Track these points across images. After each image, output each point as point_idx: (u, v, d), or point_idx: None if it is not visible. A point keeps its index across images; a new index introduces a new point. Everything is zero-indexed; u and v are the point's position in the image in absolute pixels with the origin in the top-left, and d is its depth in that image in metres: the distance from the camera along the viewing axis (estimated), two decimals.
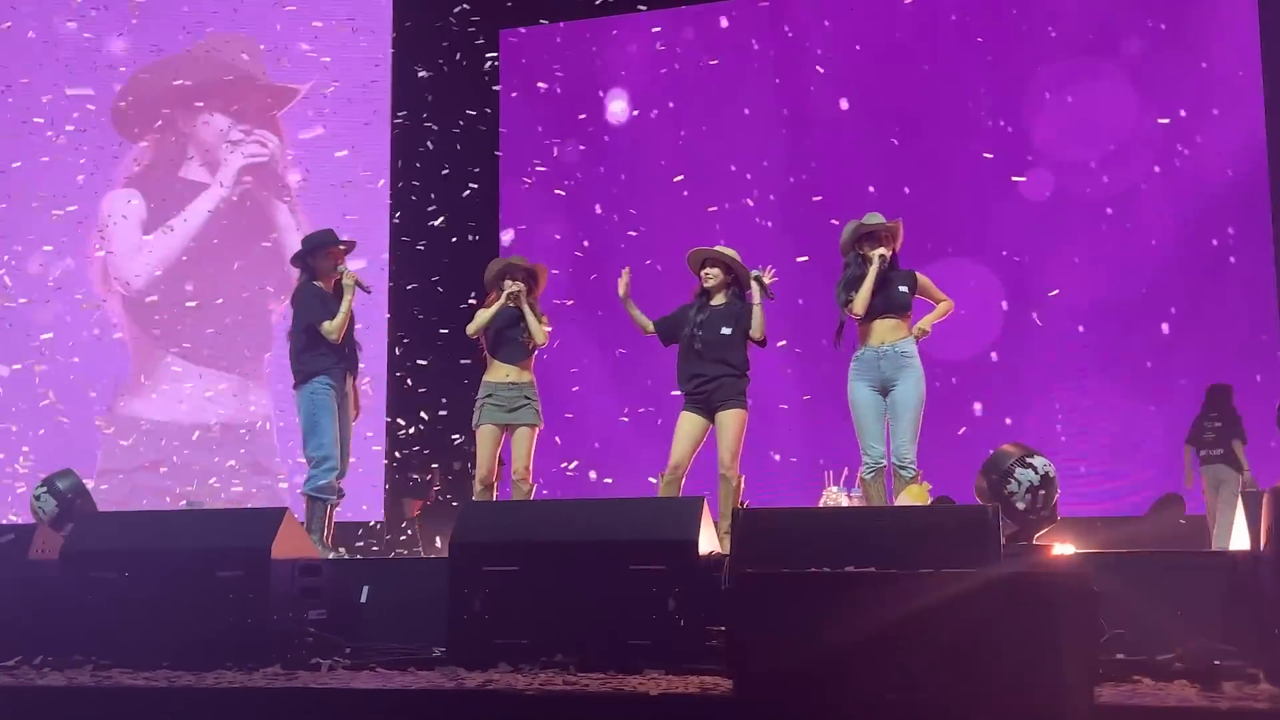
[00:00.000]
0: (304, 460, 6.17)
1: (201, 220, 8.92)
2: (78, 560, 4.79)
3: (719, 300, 6.04)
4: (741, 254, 6.11)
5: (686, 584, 4.26)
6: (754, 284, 5.85)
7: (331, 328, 6.09)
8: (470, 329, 6.32)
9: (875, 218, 5.93)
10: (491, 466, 6.13)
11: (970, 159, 8.28)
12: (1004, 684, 3.23)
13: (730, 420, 5.86)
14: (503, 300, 6.22)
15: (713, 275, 6.03)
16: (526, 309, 6.21)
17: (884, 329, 5.75)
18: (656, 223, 8.50)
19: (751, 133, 8.62)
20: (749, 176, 8.55)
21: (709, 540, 4.46)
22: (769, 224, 8.51)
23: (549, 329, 6.34)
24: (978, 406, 7.89)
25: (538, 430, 6.22)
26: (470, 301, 7.39)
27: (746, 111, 8.60)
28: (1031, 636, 3.23)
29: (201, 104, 8.86)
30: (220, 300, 8.78)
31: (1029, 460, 5.01)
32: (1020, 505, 4.95)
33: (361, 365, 6.52)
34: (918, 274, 5.90)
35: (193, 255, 8.83)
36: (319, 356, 6.14)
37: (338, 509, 6.16)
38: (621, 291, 6.00)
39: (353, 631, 4.91)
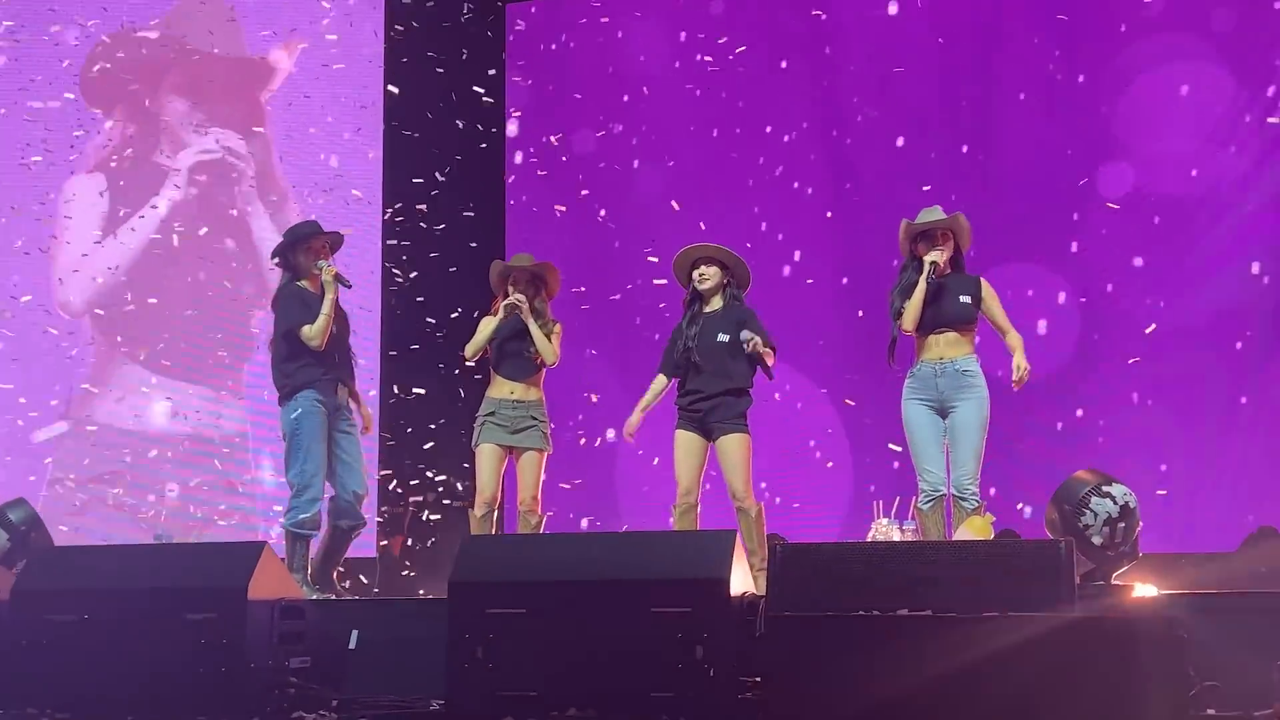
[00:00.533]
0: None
1: (168, 213, 8.88)
2: (30, 600, 4.76)
3: (715, 305, 6.00)
4: (780, 244, 6.08)
5: (716, 628, 4.19)
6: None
7: (311, 333, 5.98)
8: (468, 350, 6.24)
9: (931, 214, 5.85)
10: (495, 490, 6.06)
11: (1032, 150, 8.20)
12: None
13: (732, 447, 5.81)
14: (502, 315, 6.14)
15: (710, 276, 5.98)
16: (531, 324, 6.12)
17: (943, 343, 5.67)
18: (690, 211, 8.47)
19: (786, 123, 8.57)
20: (782, 168, 8.50)
21: (741, 579, 4.39)
22: (809, 219, 8.44)
23: (558, 329, 6.22)
24: (1054, 426, 7.80)
25: (546, 455, 6.16)
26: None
27: (782, 100, 8.56)
28: (1111, 689, 3.18)
29: (172, 81, 8.85)
30: (186, 303, 8.73)
31: (1106, 489, 4.95)
32: (1097, 540, 4.89)
33: (361, 361, 6.45)
34: (984, 281, 5.80)
35: (162, 252, 8.79)
36: (303, 367, 6.03)
37: (353, 539, 6.15)
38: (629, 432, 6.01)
39: (340, 681, 4.87)
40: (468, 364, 6.53)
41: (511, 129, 8.89)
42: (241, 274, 8.89)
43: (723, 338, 5.88)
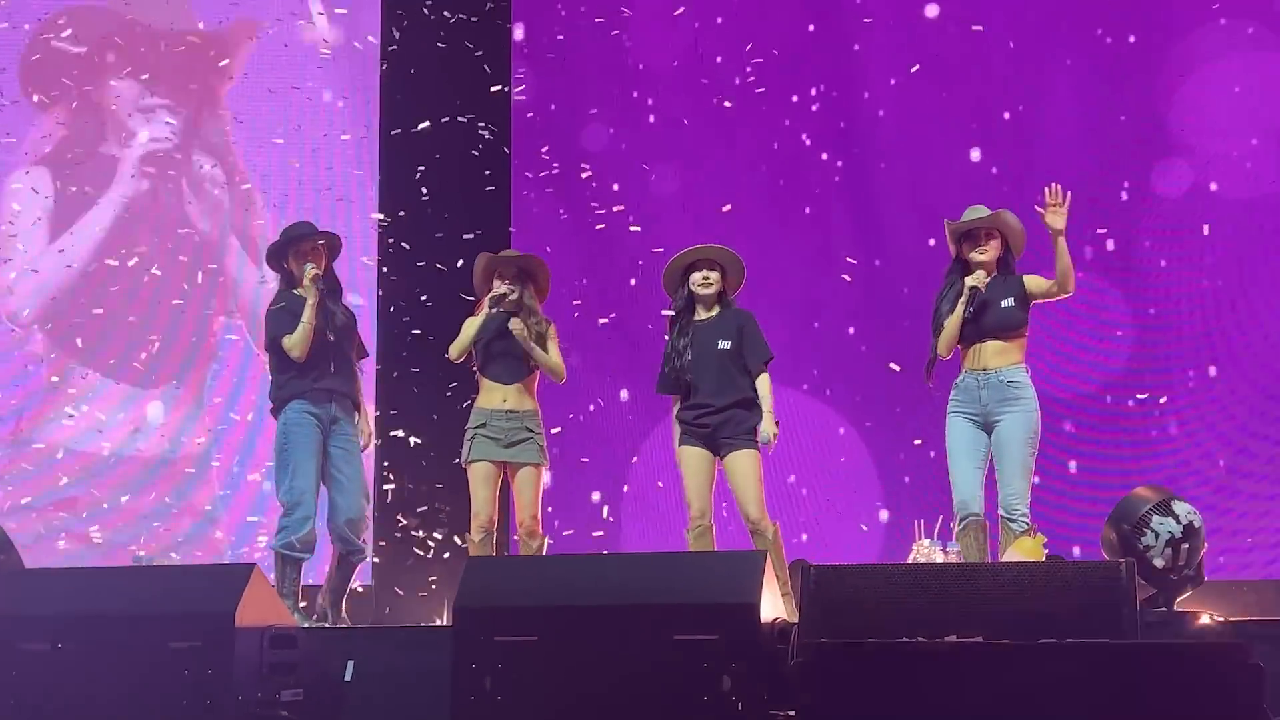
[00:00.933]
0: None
1: (119, 209, 8.83)
2: (1, 628, 4.76)
3: (710, 312, 5.99)
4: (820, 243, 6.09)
5: (745, 657, 4.18)
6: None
7: (290, 344, 5.99)
8: (453, 351, 6.15)
9: (975, 211, 5.83)
10: (492, 511, 6.00)
11: (1083, 144, 8.19)
12: None
13: (742, 464, 5.80)
14: (487, 309, 6.05)
15: (713, 280, 5.98)
16: (530, 343, 6.05)
17: (987, 353, 5.66)
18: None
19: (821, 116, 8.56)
20: (825, 155, 8.49)
21: (772, 604, 4.39)
22: (842, 217, 8.43)
23: (552, 330, 6.19)
24: (1098, 447, 7.77)
25: (544, 470, 6.13)
26: None
27: (817, 90, 8.55)
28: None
29: (115, 64, 8.80)
30: (141, 310, 8.70)
31: (1169, 507, 4.94)
32: (1159, 562, 4.88)
33: (366, 358, 6.44)
34: (1026, 279, 5.77)
35: (112, 251, 8.75)
36: (292, 379, 6.05)
37: (355, 565, 6.14)
38: None
39: (335, 716, 4.87)
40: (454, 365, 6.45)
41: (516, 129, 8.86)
42: (210, 273, 8.83)
43: (724, 345, 5.87)
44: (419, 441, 8.32)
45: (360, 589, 8.14)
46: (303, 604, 6.05)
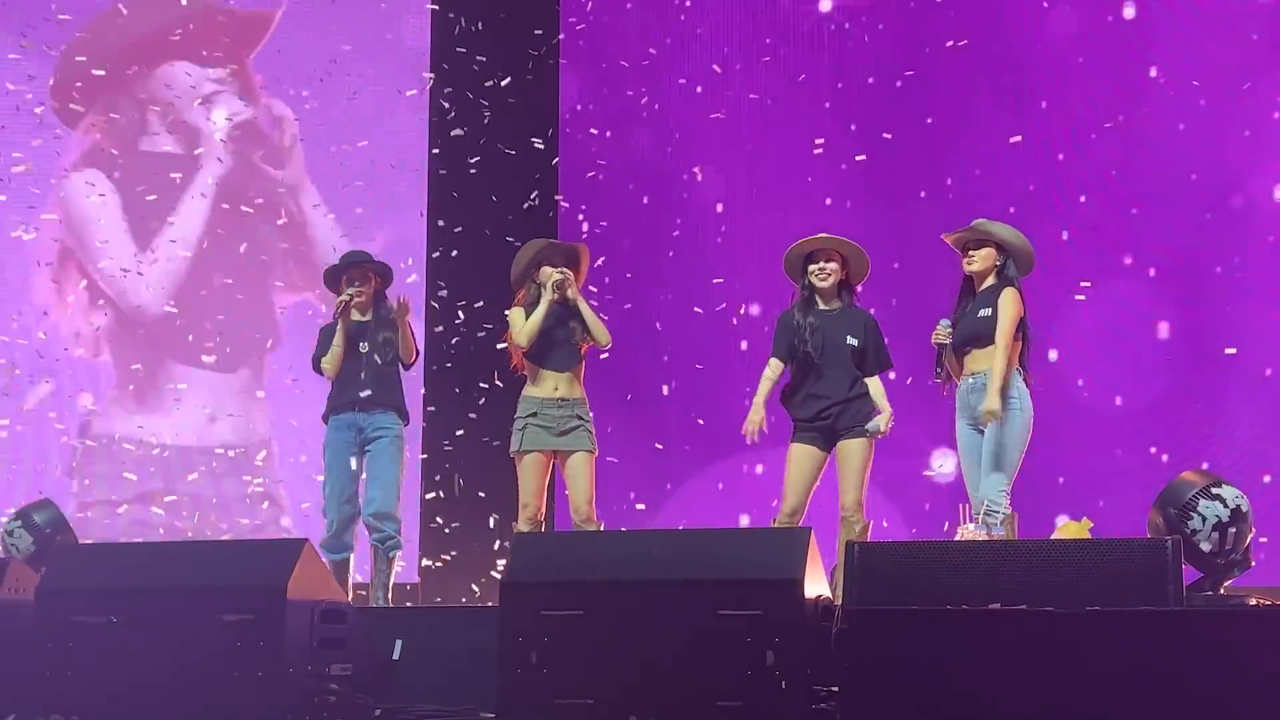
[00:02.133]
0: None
1: (179, 204, 8.88)
2: (55, 601, 4.84)
3: (832, 304, 5.96)
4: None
5: (789, 633, 4.18)
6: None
7: (322, 366, 6.38)
8: (521, 338, 6.06)
9: (987, 225, 5.88)
10: (540, 503, 6.01)
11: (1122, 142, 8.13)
12: None
13: (857, 451, 5.76)
14: (549, 295, 6.03)
15: (829, 272, 5.91)
16: (582, 302, 6.07)
17: (973, 360, 5.70)
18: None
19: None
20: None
21: (816, 582, 4.38)
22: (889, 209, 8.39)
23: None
24: (1150, 448, 7.71)
25: (595, 457, 6.10)
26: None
27: (871, 80, 8.52)
28: (1229, 691, 3.13)
29: (158, 56, 8.85)
30: (201, 299, 8.76)
31: (1216, 491, 4.90)
32: (1205, 546, 4.84)
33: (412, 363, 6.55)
34: (1007, 290, 5.69)
35: (170, 249, 8.83)
36: (331, 394, 6.41)
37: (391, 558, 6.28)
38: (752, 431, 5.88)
39: (384, 691, 4.89)
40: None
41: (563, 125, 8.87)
42: (275, 260, 8.88)
43: (852, 341, 5.83)
44: (461, 433, 8.36)
45: (407, 588, 8.22)
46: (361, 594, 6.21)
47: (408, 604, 7.82)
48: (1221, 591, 4.89)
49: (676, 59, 8.71)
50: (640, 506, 8.28)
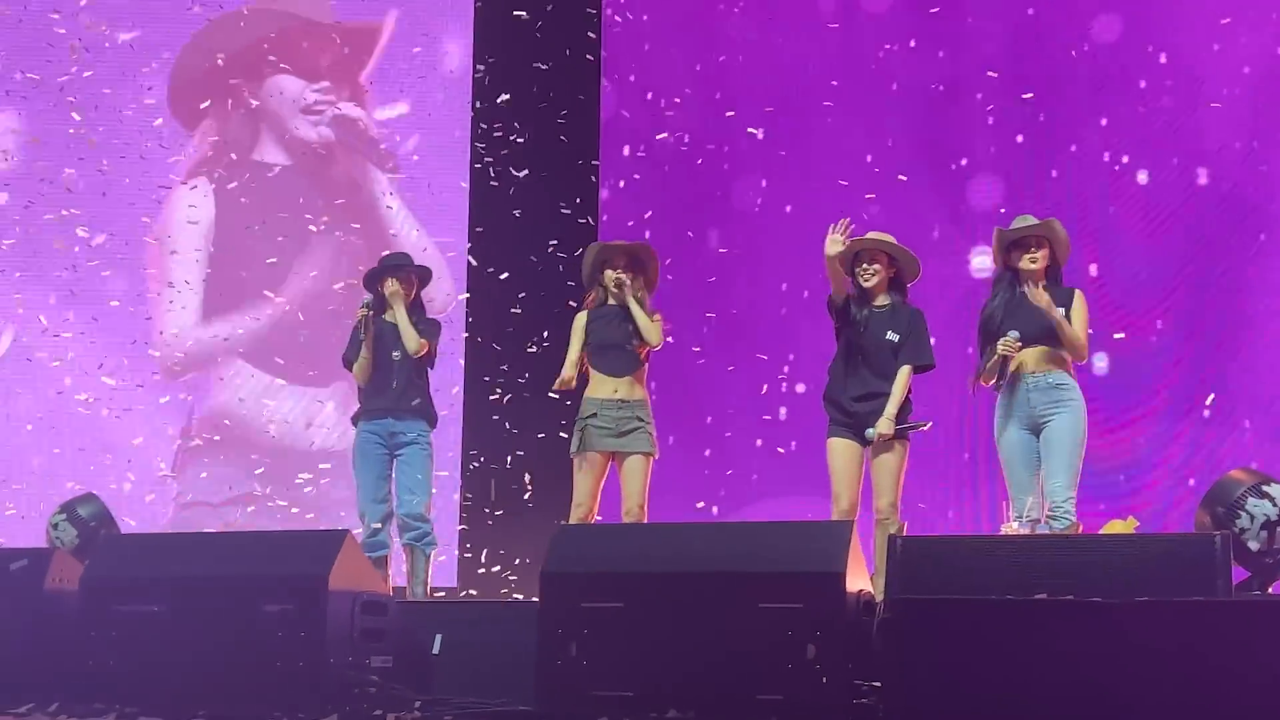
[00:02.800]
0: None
1: (283, 212, 8.89)
2: (100, 591, 4.86)
3: (881, 301, 5.94)
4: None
5: (830, 626, 4.14)
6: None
7: (353, 371, 6.42)
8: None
9: (1025, 220, 5.81)
10: (593, 504, 6.01)
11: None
12: None
13: (886, 454, 5.75)
14: (614, 292, 6.06)
15: (873, 272, 5.90)
16: (632, 301, 6.06)
17: (1034, 357, 5.62)
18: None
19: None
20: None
21: (858, 576, 4.35)
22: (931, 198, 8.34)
23: (658, 318, 6.14)
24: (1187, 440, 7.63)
25: (653, 460, 6.09)
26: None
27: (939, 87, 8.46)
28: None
29: (267, 68, 8.88)
30: (293, 306, 8.75)
31: (1265, 489, 4.86)
32: (1254, 545, 4.80)
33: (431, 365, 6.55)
34: (1079, 294, 5.72)
35: (277, 252, 8.84)
36: (361, 398, 6.48)
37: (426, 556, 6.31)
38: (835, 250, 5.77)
39: (425, 684, 4.88)
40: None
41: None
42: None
43: (892, 336, 5.83)
44: (514, 431, 8.35)
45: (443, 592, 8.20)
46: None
47: (440, 594, 7.82)
48: (1270, 592, 4.83)
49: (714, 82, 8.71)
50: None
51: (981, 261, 7.79)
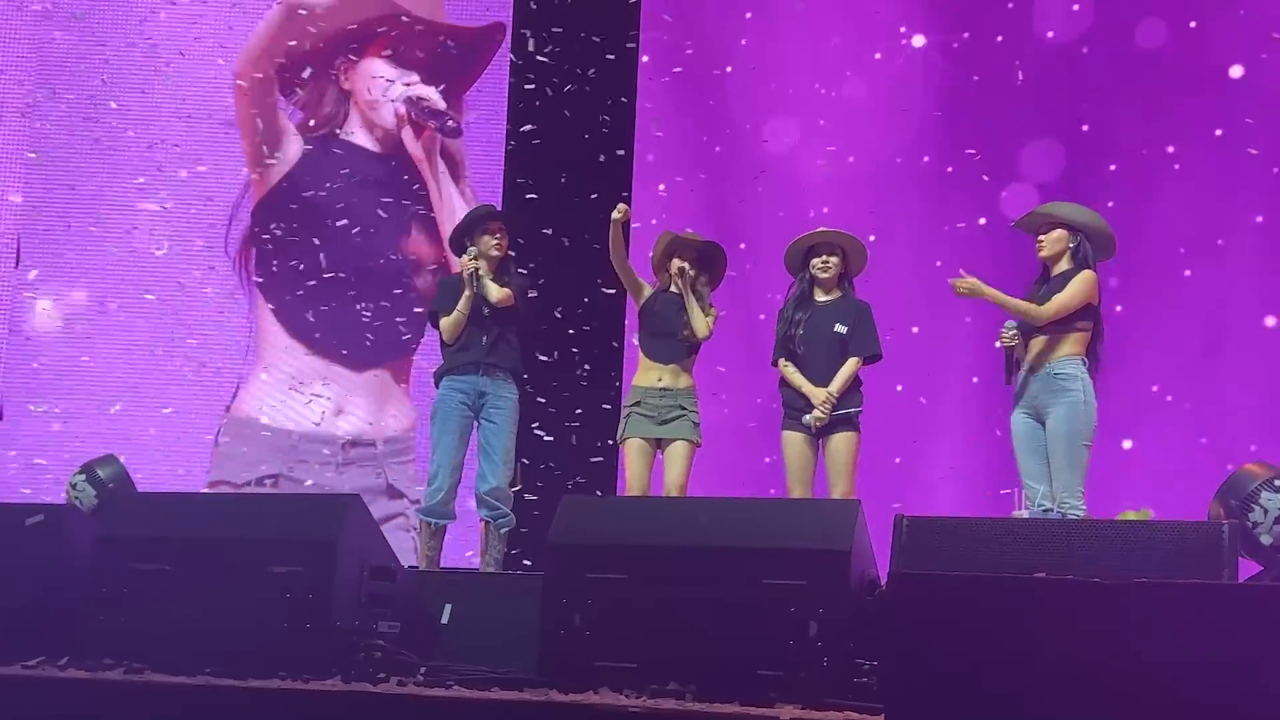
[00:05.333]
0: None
1: (350, 194, 8.84)
2: (112, 548, 4.89)
3: (830, 295, 5.98)
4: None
5: (833, 604, 4.13)
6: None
7: (444, 326, 6.17)
8: (617, 256, 6.14)
9: (1040, 209, 5.79)
10: (645, 488, 6.04)
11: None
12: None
13: (841, 448, 5.81)
14: (674, 283, 6.10)
15: (832, 265, 5.99)
16: (689, 295, 6.07)
17: (1036, 346, 5.62)
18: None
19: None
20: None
21: (863, 555, 4.33)
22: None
23: (714, 314, 6.18)
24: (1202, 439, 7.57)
25: (695, 448, 6.09)
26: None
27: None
28: None
29: (363, 51, 8.81)
30: (352, 291, 8.70)
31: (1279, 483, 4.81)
32: (1266, 539, 4.77)
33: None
34: (1084, 272, 5.63)
35: (337, 236, 8.78)
36: (447, 354, 6.22)
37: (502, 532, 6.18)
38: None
39: (430, 651, 4.90)
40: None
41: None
42: (427, 256, 8.86)
43: (840, 329, 5.89)
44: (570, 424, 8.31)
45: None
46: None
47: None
48: None
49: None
50: None
51: None
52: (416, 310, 8.55)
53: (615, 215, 5.99)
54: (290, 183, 8.80)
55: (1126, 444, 7.39)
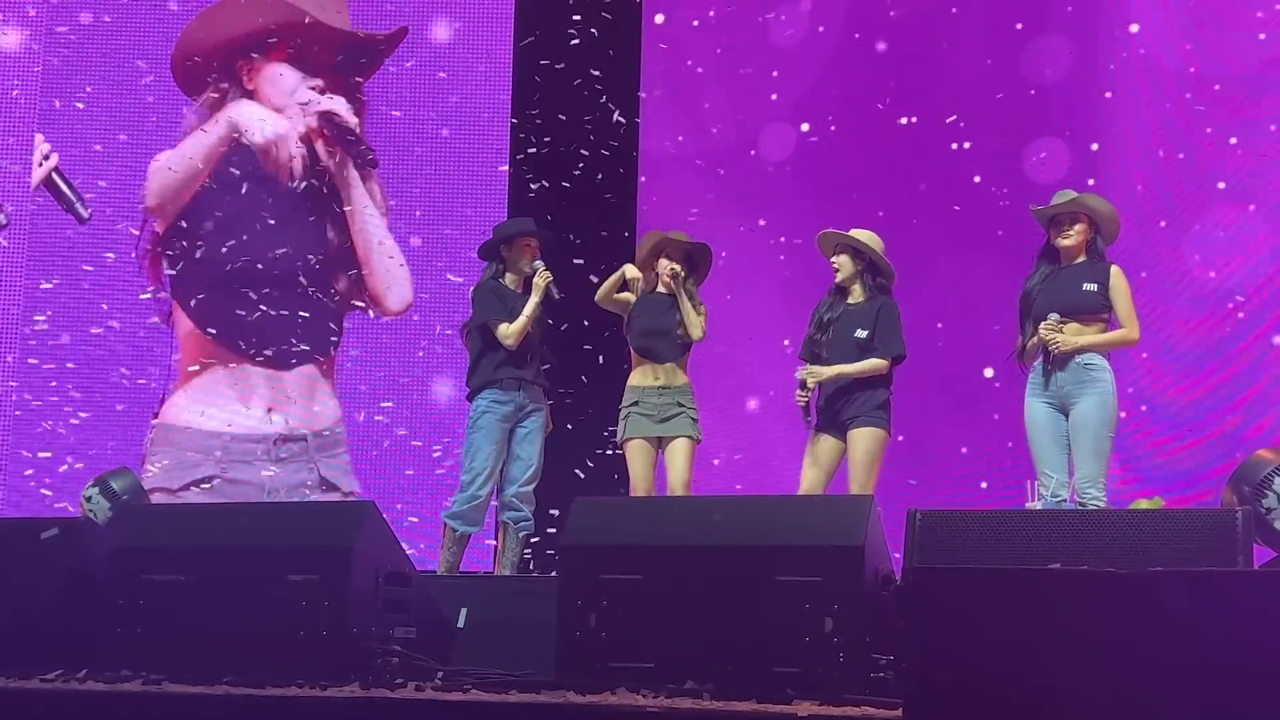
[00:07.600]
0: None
1: (266, 194, 8.88)
2: (127, 559, 4.89)
3: (856, 296, 5.95)
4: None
5: (848, 600, 4.12)
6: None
7: (508, 331, 6.11)
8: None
9: (1062, 196, 5.72)
10: (649, 487, 6.05)
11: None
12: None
13: (863, 442, 5.76)
14: (664, 282, 6.10)
15: (841, 265, 5.96)
16: (681, 295, 6.07)
17: (1072, 334, 5.54)
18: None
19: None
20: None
21: (878, 551, 4.32)
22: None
23: (704, 311, 6.18)
24: (1227, 421, 7.53)
25: (696, 444, 6.10)
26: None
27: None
28: None
29: (266, 54, 8.86)
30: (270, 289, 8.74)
31: None
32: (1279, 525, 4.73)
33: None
34: (1116, 268, 5.62)
35: (254, 235, 8.84)
36: (492, 365, 6.19)
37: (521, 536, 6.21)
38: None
39: (447, 656, 4.89)
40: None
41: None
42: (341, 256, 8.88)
43: (861, 334, 5.85)
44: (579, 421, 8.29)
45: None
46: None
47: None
48: None
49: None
50: None
51: None
52: (332, 306, 8.68)
53: (629, 273, 6.08)
54: (200, 184, 8.86)
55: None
